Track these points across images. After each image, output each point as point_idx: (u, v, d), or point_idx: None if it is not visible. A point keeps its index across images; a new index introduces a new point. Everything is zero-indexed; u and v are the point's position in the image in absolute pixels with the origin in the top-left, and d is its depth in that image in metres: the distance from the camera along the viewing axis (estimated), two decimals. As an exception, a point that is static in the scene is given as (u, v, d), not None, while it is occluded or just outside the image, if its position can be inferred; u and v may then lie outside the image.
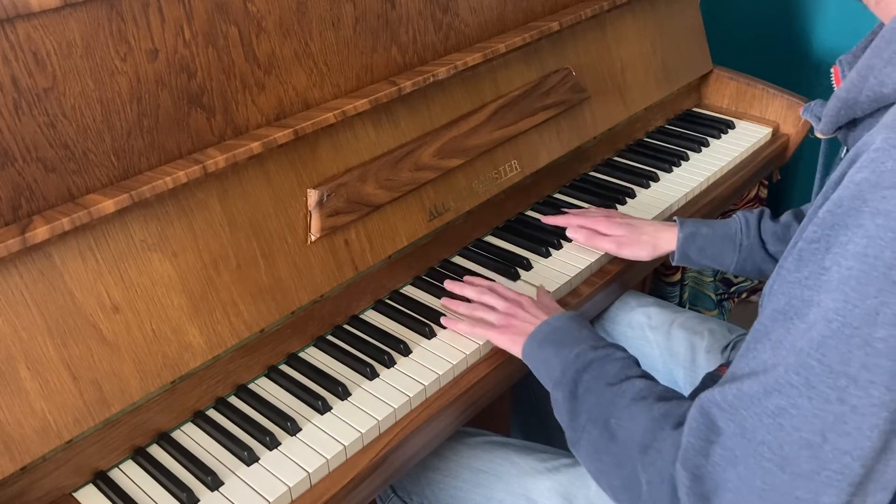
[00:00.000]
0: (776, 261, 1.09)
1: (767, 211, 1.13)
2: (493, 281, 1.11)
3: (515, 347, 0.96)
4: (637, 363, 0.84)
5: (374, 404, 0.93)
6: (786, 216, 1.11)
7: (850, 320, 0.58)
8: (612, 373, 0.81)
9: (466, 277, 1.13)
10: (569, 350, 0.87)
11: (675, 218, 1.16)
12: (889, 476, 0.61)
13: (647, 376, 0.81)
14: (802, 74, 1.91)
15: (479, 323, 1.02)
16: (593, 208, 1.28)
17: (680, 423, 0.71)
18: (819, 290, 0.60)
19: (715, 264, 1.13)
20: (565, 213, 1.27)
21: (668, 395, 0.77)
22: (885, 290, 0.57)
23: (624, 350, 0.86)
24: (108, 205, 0.81)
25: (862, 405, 0.58)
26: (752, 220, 1.11)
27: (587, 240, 1.20)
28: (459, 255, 1.22)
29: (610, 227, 1.19)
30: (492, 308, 1.03)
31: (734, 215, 1.13)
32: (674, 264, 1.16)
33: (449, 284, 1.11)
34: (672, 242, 1.14)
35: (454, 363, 0.99)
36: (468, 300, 1.08)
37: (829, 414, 0.59)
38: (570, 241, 1.22)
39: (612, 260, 1.21)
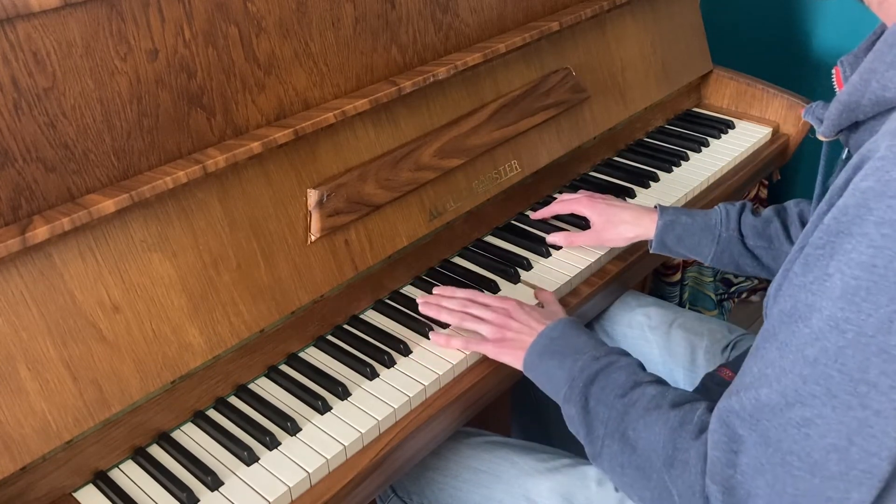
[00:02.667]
0: (753, 255, 1.09)
1: (749, 204, 1.12)
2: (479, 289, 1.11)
3: (517, 363, 0.95)
4: (642, 366, 0.84)
5: (374, 404, 0.93)
6: (767, 211, 1.11)
7: (865, 329, 0.58)
8: (619, 382, 0.81)
9: (439, 291, 1.09)
10: (572, 361, 0.86)
11: (656, 205, 1.16)
12: None
13: (656, 380, 0.81)
14: (803, 75, 1.91)
15: (473, 339, 1.00)
16: (580, 192, 1.27)
17: (700, 432, 0.72)
18: (822, 295, 0.61)
19: (692, 254, 1.12)
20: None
21: (681, 400, 0.77)
22: None
23: (627, 354, 0.86)
24: (108, 205, 0.81)
25: (885, 409, 0.59)
26: (732, 213, 1.10)
27: (567, 242, 1.20)
28: (459, 255, 1.22)
29: (590, 206, 1.18)
30: (481, 319, 1.01)
31: (716, 206, 1.12)
32: (651, 252, 1.15)
33: (424, 307, 1.06)
34: (651, 229, 1.13)
35: (454, 363, 0.99)
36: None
37: (854, 420, 0.60)
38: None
39: (612, 260, 1.21)
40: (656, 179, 1.41)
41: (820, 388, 0.61)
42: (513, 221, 1.30)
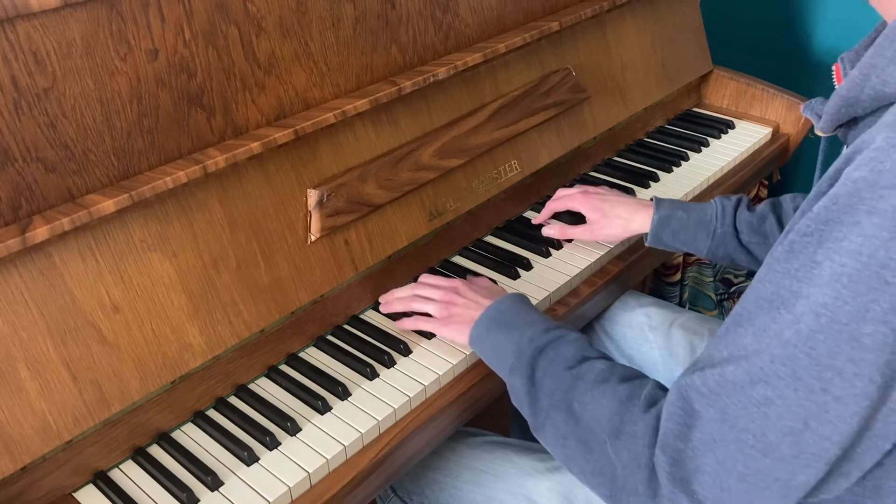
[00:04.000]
0: (747, 250, 1.09)
1: (745, 199, 1.12)
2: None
3: (462, 337, 0.96)
4: (590, 343, 0.84)
5: (374, 404, 0.93)
6: (762, 206, 1.11)
7: (839, 316, 0.59)
8: (568, 355, 0.81)
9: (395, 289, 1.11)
10: (520, 334, 0.86)
11: (652, 197, 1.16)
12: (866, 457, 0.63)
13: (604, 356, 0.82)
14: (802, 74, 1.91)
15: (420, 318, 1.02)
16: (576, 187, 1.26)
17: (650, 405, 0.72)
18: (809, 282, 0.61)
19: (687, 248, 1.13)
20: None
21: (630, 375, 0.78)
22: (876, 288, 0.58)
23: (575, 331, 0.86)
24: (108, 205, 0.81)
25: (845, 395, 0.59)
26: (728, 208, 1.10)
27: (561, 234, 1.20)
28: (459, 255, 1.22)
29: (584, 202, 1.18)
30: (429, 299, 1.02)
31: (711, 200, 1.12)
32: (647, 245, 1.15)
33: (383, 307, 1.09)
34: (646, 223, 1.13)
35: (454, 363, 0.99)
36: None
37: (813, 403, 0.60)
38: (570, 240, 1.22)
39: (613, 260, 1.21)
40: (656, 179, 1.41)
41: (786, 370, 0.61)
42: (513, 221, 1.30)
